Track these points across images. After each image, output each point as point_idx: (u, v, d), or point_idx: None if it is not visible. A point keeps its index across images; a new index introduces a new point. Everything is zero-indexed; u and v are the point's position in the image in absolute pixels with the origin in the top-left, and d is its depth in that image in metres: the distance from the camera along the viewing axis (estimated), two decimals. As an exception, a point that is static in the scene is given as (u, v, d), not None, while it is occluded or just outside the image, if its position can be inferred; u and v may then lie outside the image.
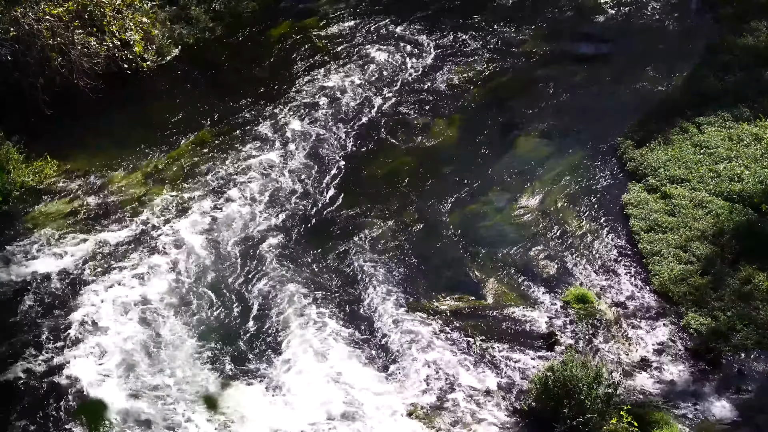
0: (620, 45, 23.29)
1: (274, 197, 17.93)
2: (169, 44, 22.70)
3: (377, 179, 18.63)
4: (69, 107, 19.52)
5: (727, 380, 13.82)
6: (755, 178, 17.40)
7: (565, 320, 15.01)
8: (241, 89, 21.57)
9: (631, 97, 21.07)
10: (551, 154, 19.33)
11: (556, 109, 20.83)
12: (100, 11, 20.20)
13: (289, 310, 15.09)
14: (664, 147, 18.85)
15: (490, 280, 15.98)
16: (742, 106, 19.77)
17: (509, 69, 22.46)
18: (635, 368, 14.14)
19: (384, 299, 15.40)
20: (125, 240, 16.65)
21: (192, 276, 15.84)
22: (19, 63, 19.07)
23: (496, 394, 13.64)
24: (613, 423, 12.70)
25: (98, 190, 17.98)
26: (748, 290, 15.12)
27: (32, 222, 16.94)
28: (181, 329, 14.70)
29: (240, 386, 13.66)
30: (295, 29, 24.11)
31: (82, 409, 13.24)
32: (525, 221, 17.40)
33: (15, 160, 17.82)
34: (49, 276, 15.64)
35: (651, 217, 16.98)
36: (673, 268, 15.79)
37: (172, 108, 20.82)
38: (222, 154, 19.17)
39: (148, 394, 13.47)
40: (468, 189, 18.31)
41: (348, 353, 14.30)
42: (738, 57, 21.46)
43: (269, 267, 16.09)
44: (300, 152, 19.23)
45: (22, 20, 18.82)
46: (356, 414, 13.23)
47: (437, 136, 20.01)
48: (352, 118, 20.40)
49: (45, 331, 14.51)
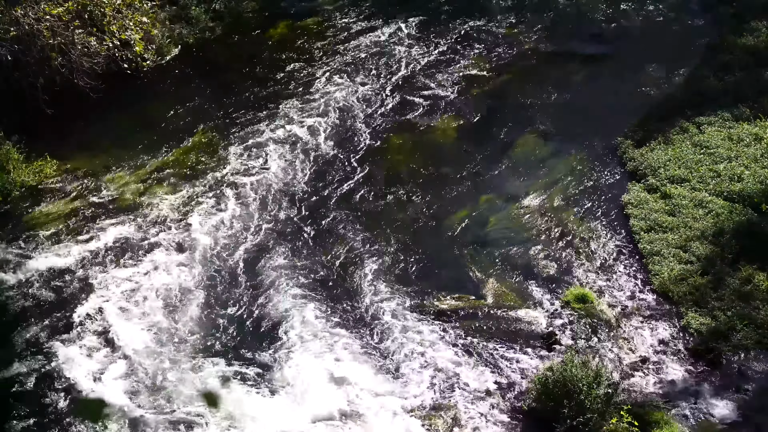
0: (620, 45, 23.31)
1: (274, 197, 17.94)
2: (169, 44, 22.71)
3: (377, 179, 18.64)
4: (69, 107, 19.53)
5: (727, 380, 13.82)
6: (755, 178, 17.40)
7: (565, 320, 15.02)
8: (241, 89, 21.59)
9: (631, 97, 21.08)
10: (551, 154, 19.35)
11: (556, 109, 20.84)
12: (100, 11, 20.19)
13: (289, 309, 15.11)
14: (664, 147, 18.85)
15: (490, 279, 15.99)
16: (742, 106, 19.77)
17: (509, 69, 22.47)
18: (635, 368, 14.14)
19: (384, 299, 15.41)
20: (125, 240, 16.66)
21: (192, 275, 15.86)
22: (19, 63, 19.09)
23: (496, 394, 13.65)
24: (613, 423, 12.70)
25: (98, 190, 18.00)
26: (748, 290, 15.12)
27: (32, 222, 16.95)
28: (182, 328, 14.72)
29: (241, 385, 13.67)
30: (295, 29, 24.13)
31: (82, 408, 13.26)
32: (525, 221, 17.41)
33: (15, 159, 17.84)
34: (49, 276, 15.65)
35: (651, 217, 16.98)
36: (673, 267, 15.79)
37: (172, 108, 20.84)
38: (222, 154, 19.18)
39: (148, 394, 13.49)
40: (468, 189, 18.32)
41: (348, 353, 14.31)
42: (738, 57, 21.47)
43: (270, 266, 16.11)
44: (300, 152, 19.24)
45: (22, 20, 18.81)
46: (357, 413, 13.24)
47: (437, 136, 20.02)
48: (352, 118, 20.41)
49: (45, 331, 14.53)
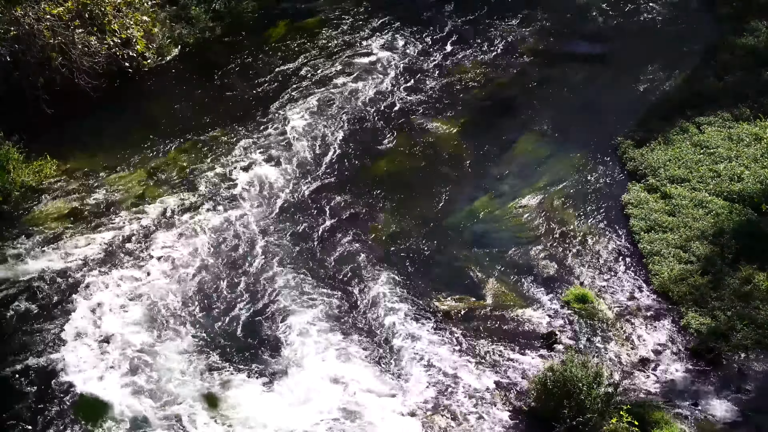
0: (620, 45, 23.32)
1: (274, 197, 17.94)
2: (169, 44, 22.70)
3: (378, 179, 18.63)
4: (69, 107, 19.52)
5: (727, 380, 13.84)
6: (755, 178, 17.42)
7: (565, 320, 15.03)
8: (240, 89, 21.58)
9: (631, 97, 21.10)
10: (551, 154, 19.36)
11: (556, 109, 20.85)
12: (100, 10, 20.19)
13: (290, 310, 15.10)
14: (664, 147, 18.86)
15: (490, 280, 15.99)
16: (742, 106, 19.79)
17: (510, 69, 22.48)
18: (635, 368, 14.15)
19: (385, 300, 15.40)
20: (125, 239, 16.65)
21: (192, 275, 15.85)
22: (19, 63, 19.09)
23: (497, 394, 13.65)
24: (613, 423, 12.71)
25: (98, 189, 17.98)
26: (747, 290, 15.13)
27: (32, 222, 16.94)
28: (182, 328, 14.71)
29: (241, 386, 13.66)
30: (295, 29, 24.11)
31: (82, 408, 13.24)
32: (525, 221, 17.41)
33: (15, 159, 17.80)
34: (48, 276, 15.64)
35: (651, 217, 16.99)
36: (673, 267, 15.80)
37: (172, 107, 20.83)
38: (222, 154, 19.17)
39: (148, 394, 13.48)
40: (468, 189, 18.32)
41: (349, 353, 14.31)
42: (738, 57, 21.49)
43: (270, 266, 16.10)
44: (301, 152, 19.24)
45: (23, 20, 18.82)
46: (357, 413, 13.24)
47: (438, 136, 20.02)
48: (352, 119, 20.41)
49: (45, 331, 14.52)
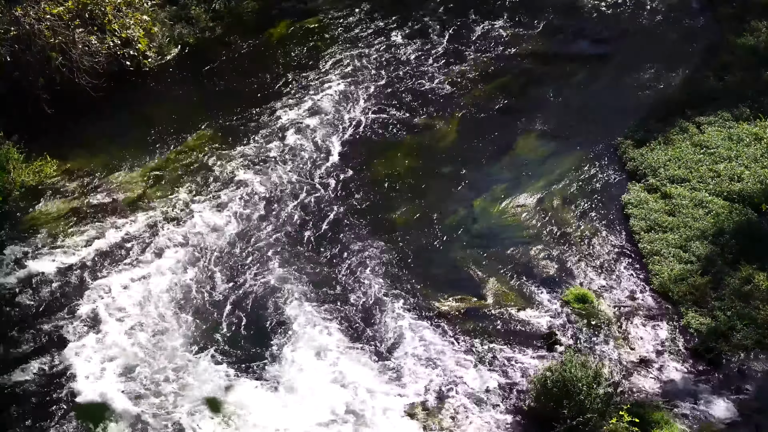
0: (620, 45, 23.30)
1: (274, 197, 17.94)
2: (169, 44, 22.70)
3: (378, 179, 18.63)
4: (69, 106, 19.53)
5: (727, 380, 13.84)
6: (755, 178, 17.41)
7: (565, 320, 15.02)
8: (241, 89, 21.58)
9: (631, 97, 21.07)
10: (551, 154, 19.36)
11: (556, 109, 20.85)
12: (100, 10, 20.20)
13: (290, 310, 15.11)
14: (664, 147, 18.86)
15: (490, 280, 15.99)
16: (742, 106, 19.77)
17: (509, 69, 22.45)
18: (635, 368, 14.15)
19: (385, 300, 15.40)
20: (125, 239, 16.66)
21: (193, 276, 15.85)
22: (19, 62, 19.08)
23: (496, 394, 13.65)
24: (613, 423, 12.70)
25: (98, 189, 17.99)
26: (747, 290, 15.13)
27: (32, 222, 16.95)
28: (183, 329, 14.71)
29: (242, 386, 13.67)
30: (295, 29, 24.11)
31: (83, 409, 13.25)
32: (525, 221, 17.41)
33: (15, 159, 17.81)
34: (49, 276, 15.65)
35: (651, 217, 16.99)
36: (673, 267, 15.80)
37: (172, 107, 20.83)
38: (222, 154, 19.17)
39: (149, 395, 13.48)
40: (468, 189, 18.32)
41: (349, 353, 14.31)
42: (738, 57, 21.47)
43: (270, 267, 16.10)
44: (301, 152, 19.24)
45: (23, 20, 18.83)
46: (357, 413, 13.25)
47: (438, 136, 20.02)
48: (353, 118, 20.40)
49: (45, 331, 14.53)
